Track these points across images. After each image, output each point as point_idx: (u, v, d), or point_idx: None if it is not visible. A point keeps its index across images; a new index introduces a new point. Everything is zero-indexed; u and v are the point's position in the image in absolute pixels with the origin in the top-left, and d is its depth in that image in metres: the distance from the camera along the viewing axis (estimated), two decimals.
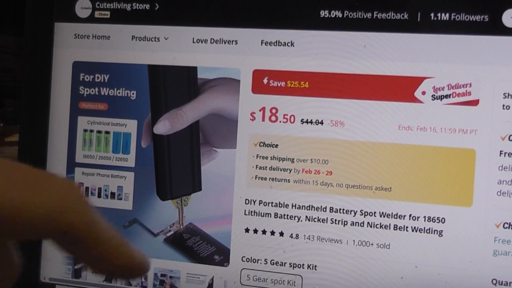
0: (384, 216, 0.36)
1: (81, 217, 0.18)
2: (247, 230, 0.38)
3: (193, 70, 0.39)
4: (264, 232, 0.37)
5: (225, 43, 0.38)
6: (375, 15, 0.36)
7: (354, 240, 0.36)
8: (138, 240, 0.39)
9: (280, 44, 0.37)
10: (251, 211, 0.38)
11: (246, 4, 0.38)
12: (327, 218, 0.36)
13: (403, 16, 0.35)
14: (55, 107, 0.41)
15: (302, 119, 0.37)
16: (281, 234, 0.37)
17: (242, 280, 0.38)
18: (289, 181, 0.37)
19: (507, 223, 0.34)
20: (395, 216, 0.35)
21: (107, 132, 0.40)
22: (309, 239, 0.37)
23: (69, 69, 0.41)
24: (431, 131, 0.35)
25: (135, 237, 0.39)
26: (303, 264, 0.37)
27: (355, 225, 0.36)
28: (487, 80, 0.34)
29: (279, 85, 0.37)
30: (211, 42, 0.38)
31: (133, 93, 0.40)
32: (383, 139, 0.36)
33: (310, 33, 0.37)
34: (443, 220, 0.35)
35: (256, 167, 0.37)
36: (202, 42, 0.38)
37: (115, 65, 0.40)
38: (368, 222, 0.36)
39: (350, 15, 0.36)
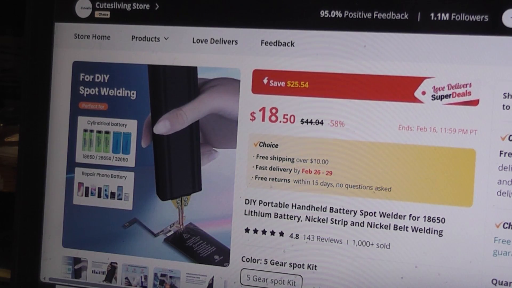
0: (384, 216, 0.36)
1: None
2: (247, 230, 0.38)
3: (193, 70, 0.39)
4: (264, 232, 0.37)
5: (225, 43, 0.38)
6: (375, 15, 0.36)
7: (354, 240, 0.36)
8: (138, 240, 0.39)
9: (280, 44, 0.37)
10: (251, 211, 0.38)
11: (246, 4, 0.38)
12: (327, 218, 0.36)
13: (403, 16, 0.35)
14: (55, 107, 0.41)
15: (302, 119, 0.37)
16: (281, 234, 0.37)
17: (242, 280, 0.38)
18: (289, 181, 0.37)
19: (507, 223, 0.34)
20: (395, 216, 0.35)
21: (107, 132, 0.40)
22: (309, 239, 0.37)
23: (69, 69, 0.41)
24: (431, 131, 0.35)
25: (135, 237, 0.39)
26: (303, 264, 0.37)
27: (355, 225, 0.36)
28: (487, 80, 0.34)
29: (279, 85, 0.37)
30: (211, 42, 0.38)
31: (133, 93, 0.40)
32: (383, 139, 0.36)
33: (310, 33, 0.37)
34: (443, 220, 0.35)
35: (256, 167, 0.37)
36: (202, 42, 0.38)
37: (115, 65, 0.40)
38: (368, 222, 0.36)
39: (350, 15, 0.36)
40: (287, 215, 0.37)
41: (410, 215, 0.35)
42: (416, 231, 0.35)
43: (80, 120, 0.40)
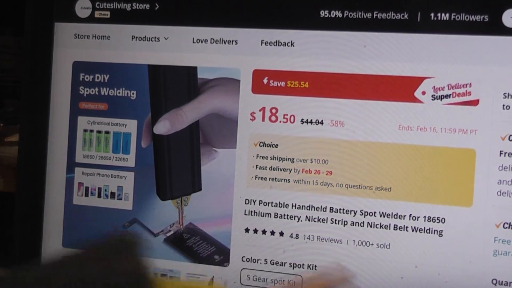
0: (384, 216, 0.36)
1: None
2: (247, 230, 0.38)
3: (193, 70, 0.39)
4: (264, 232, 0.37)
5: (225, 43, 0.38)
6: (375, 15, 0.36)
7: (354, 240, 0.36)
8: None
9: (280, 44, 0.37)
10: (251, 211, 0.38)
11: (246, 4, 0.38)
12: (327, 218, 0.36)
13: (403, 16, 0.35)
14: (55, 107, 0.41)
15: (302, 119, 0.37)
16: (281, 234, 0.37)
17: (242, 280, 0.38)
18: (289, 181, 0.37)
19: (507, 223, 0.34)
20: (395, 216, 0.35)
21: (107, 132, 0.40)
22: (309, 239, 0.37)
23: (69, 69, 0.41)
24: (431, 131, 0.35)
25: None
26: (303, 264, 0.37)
27: (355, 225, 0.36)
28: (487, 80, 0.34)
29: (279, 85, 0.37)
30: (211, 42, 0.38)
31: (133, 93, 0.40)
32: (383, 139, 0.36)
33: (310, 33, 0.37)
34: (443, 220, 0.35)
35: (256, 167, 0.37)
36: (202, 42, 0.38)
37: (115, 65, 0.40)
38: (368, 222, 0.36)
39: (350, 15, 0.36)
40: (287, 215, 0.37)
41: (410, 215, 0.35)
42: (416, 231, 0.35)
43: (80, 120, 0.40)
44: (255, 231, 0.37)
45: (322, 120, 0.37)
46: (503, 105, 0.34)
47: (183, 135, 0.39)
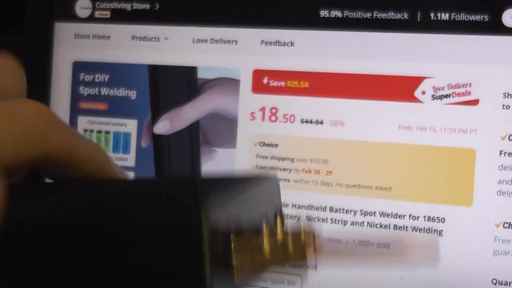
0: (384, 216, 0.36)
1: (61, 137, 0.17)
2: None
3: (193, 70, 0.39)
4: None
5: (225, 43, 0.38)
6: (375, 15, 0.36)
7: (353, 240, 0.36)
8: None
9: (280, 44, 0.37)
10: None
11: (246, 3, 0.38)
12: (327, 218, 0.36)
13: (403, 16, 0.35)
14: (55, 107, 0.41)
15: (302, 119, 0.37)
16: None
17: None
18: (289, 181, 0.37)
19: (507, 223, 0.34)
20: (395, 216, 0.35)
21: (107, 132, 0.40)
22: None
23: (69, 69, 0.41)
24: (431, 131, 0.35)
25: None
26: (303, 264, 0.37)
27: (355, 225, 0.36)
28: (487, 80, 0.34)
29: (279, 85, 0.37)
30: (211, 42, 0.38)
31: (133, 93, 0.40)
32: (383, 139, 0.36)
33: (310, 33, 0.37)
34: (443, 220, 0.35)
35: (256, 167, 0.37)
36: (202, 42, 0.38)
37: (115, 65, 0.40)
38: (368, 222, 0.36)
39: (350, 14, 0.36)
40: (287, 215, 0.37)
41: (410, 215, 0.35)
42: (416, 231, 0.35)
43: (80, 120, 0.40)
44: None
45: (322, 120, 0.36)
46: (503, 105, 0.34)
47: (183, 135, 0.39)
